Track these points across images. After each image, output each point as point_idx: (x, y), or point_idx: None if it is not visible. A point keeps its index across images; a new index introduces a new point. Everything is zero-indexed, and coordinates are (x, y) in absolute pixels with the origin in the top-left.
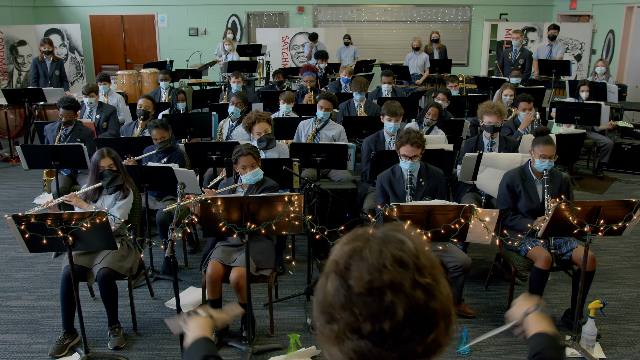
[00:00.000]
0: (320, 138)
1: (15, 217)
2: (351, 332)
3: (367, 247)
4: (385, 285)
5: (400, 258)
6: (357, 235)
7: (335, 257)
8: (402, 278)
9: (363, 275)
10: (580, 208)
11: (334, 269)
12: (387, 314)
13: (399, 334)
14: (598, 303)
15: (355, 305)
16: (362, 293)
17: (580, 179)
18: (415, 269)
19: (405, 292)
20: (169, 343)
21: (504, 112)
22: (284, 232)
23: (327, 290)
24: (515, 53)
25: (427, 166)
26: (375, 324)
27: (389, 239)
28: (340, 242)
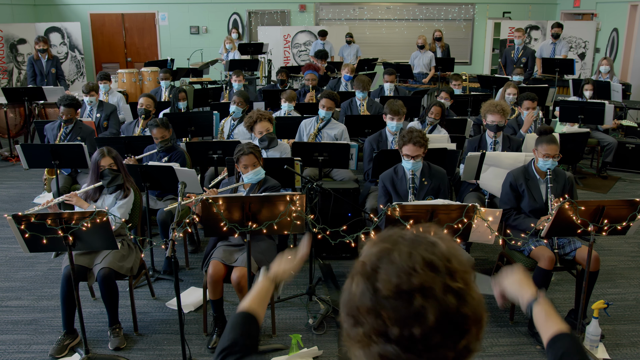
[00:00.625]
0: (322, 137)
1: (15, 216)
2: (378, 335)
3: (396, 249)
4: (414, 289)
5: (431, 261)
6: (387, 236)
7: (363, 258)
8: (432, 282)
9: (391, 279)
10: (584, 207)
11: (360, 271)
12: (417, 319)
13: (430, 340)
14: (602, 303)
15: (382, 308)
16: (389, 296)
17: (584, 178)
18: (447, 272)
19: (436, 297)
20: (170, 344)
21: (507, 110)
22: (286, 232)
23: (352, 292)
24: (518, 51)
25: (429, 165)
26: (404, 329)
27: (420, 241)
28: (369, 243)
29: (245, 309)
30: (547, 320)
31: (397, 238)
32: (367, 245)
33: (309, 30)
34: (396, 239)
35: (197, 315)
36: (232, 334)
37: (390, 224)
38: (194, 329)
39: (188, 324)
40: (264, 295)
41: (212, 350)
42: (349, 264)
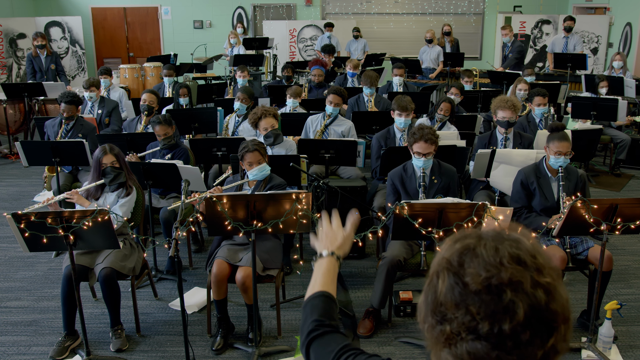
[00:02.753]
0: (329, 134)
1: (14, 215)
2: (467, 332)
3: (480, 244)
4: (504, 283)
5: (517, 256)
6: (467, 234)
7: (445, 255)
8: (521, 276)
9: (479, 272)
10: (597, 206)
11: (446, 267)
12: (506, 314)
13: (519, 336)
14: (615, 304)
15: (471, 303)
16: (479, 290)
17: (597, 176)
18: (535, 267)
19: (526, 291)
20: (173, 345)
21: (518, 106)
22: (292, 231)
23: (438, 289)
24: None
25: (439, 163)
26: (494, 324)
27: (503, 237)
28: (447, 241)
29: (320, 290)
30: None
31: (479, 235)
32: (446, 243)
33: (315, 25)
34: (478, 235)
35: (201, 316)
36: (314, 315)
37: (398, 222)
38: (197, 330)
39: (191, 325)
40: (332, 274)
41: (216, 352)
42: (357, 263)
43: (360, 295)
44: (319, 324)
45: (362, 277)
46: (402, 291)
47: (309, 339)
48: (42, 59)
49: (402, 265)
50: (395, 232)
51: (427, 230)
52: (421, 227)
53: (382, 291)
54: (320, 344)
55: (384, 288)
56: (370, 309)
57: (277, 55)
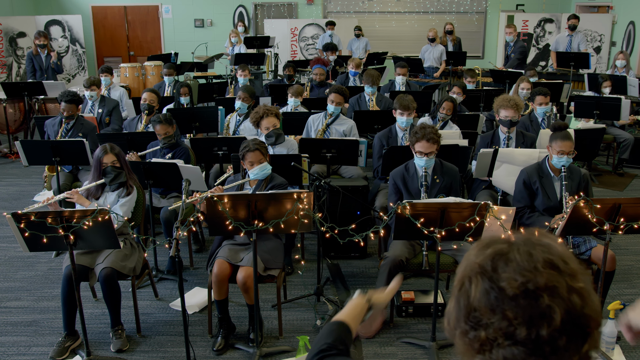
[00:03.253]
0: (330, 133)
1: (14, 215)
2: (504, 337)
3: (513, 249)
4: (540, 287)
5: (551, 261)
6: (496, 239)
7: (477, 260)
8: (557, 281)
9: (515, 277)
10: (600, 206)
11: (479, 272)
12: (544, 319)
13: (556, 342)
14: (618, 304)
15: (508, 308)
16: (516, 295)
17: (600, 175)
18: (568, 272)
19: (562, 296)
20: (174, 345)
21: (521, 105)
22: (293, 231)
23: (471, 294)
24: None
25: (441, 163)
26: (531, 329)
27: (534, 242)
28: (476, 246)
29: (341, 319)
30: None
31: (509, 240)
32: (474, 249)
33: (317, 23)
34: (509, 240)
35: (202, 316)
36: (328, 339)
37: (400, 222)
38: (198, 330)
39: (192, 325)
40: (359, 312)
41: (217, 353)
42: (358, 263)
43: None
44: (332, 346)
45: (363, 277)
46: (404, 291)
47: (319, 356)
48: (42, 58)
49: (404, 265)
50: (397, 231)
51: (429, 230)
52: (423, 226)
53: None
54: None
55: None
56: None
57: (278, 54)
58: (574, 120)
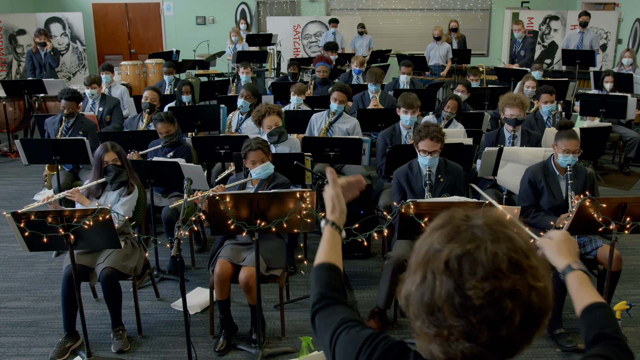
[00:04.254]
0: (333, 131)
1: (14, 214)
2: (465, 339)
3: (480, 248)
4: (505, 294)
5: (516, 262)
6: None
7: (442, 256)
8: (520, 285)
9: (483, 285)
10: (606, 205)
11: (444, 271)
12: (505, 322)
13: (513, 338)
14: (624, 304)
15: (472, 315)
16: (482, 305)
17: (606, 174)
18: (530, 272)
19: (523, 299)
20: (175, 346)
21: (526, 104)
22: (296, 230)
23: (435, 292)
24: (518, 45)
25: (445, 162)
26: (492, 332)
27: (498, 235)
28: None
29: (321, 261)
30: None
31: (475, 234)
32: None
33: (320, 21)
34: (474, 236)
35: (204, 317)
36: (316, 289)
37: (404, 222)
38: (200, 331)
39: (194, 326)
40: (336, 244)
41: (219, 354)
42: (362, 263)
43: (366, 295)
44: (322, 296)
45: (367, 277)
46: None
47: (313, 311)
48: (42, 55)
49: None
50: (401, 231)
51: None
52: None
53: (388, 291)
54: (323, 316)
55: (390, 288)
56: (376, 309)
57: (281, 51)
58: (580, 118)
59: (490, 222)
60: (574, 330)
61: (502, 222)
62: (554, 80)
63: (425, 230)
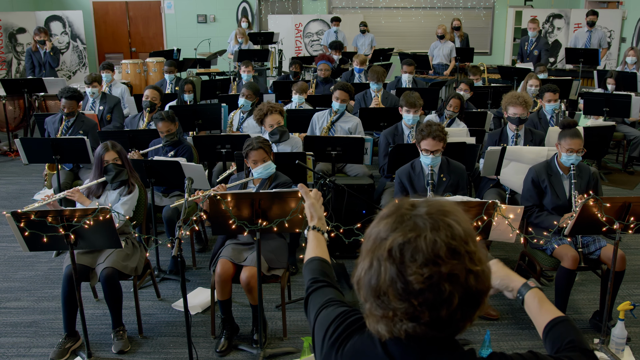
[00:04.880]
0: (335, 131)
1: (14, 214)
2: (408, 319)
3: (420, 236)
4: (443, 278)
5: (454, 248)
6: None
7: (387, 242)
8: (457, 269)
9: (422, 270)
10: (609, 204)
11: (388, 257)
12: (444, 304)
13: (453, 317)
14: (628, 304)
15: (414, 298)
16: (422, 289)
17: (610, 173)
18: (467, 256)
19: (460, 282)
20: (176, 347)
21: (529, 103)
22: (298, 230)
23: (380, 277)
24: (531, 43)
25: (448, 161)
26: (432, 312)
27: (438, 224)
28: (386, 221)
29: (312, 256)
30: (541, 307)
31: (416, 223)
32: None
33: (322, 19)
34: (415, 225)
35: (205, 317)
36: (308, 276)
37: None
38: (201, 331)
39: (195, 326)
40: (320, 244)
41: (220, 354)
42: None
43: None
44: (314, 281)
45: None
46: None
47: (307, 295)
48: (41, 54)
49: None
50: None
51: None
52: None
53: None
54: (314, 297)
55: None
56: None
57: (282, 50)
58: (583, 117)
59: (432, 212)
60: None
61: (444, 211)
62: (557, 79)
63: (375, 219)
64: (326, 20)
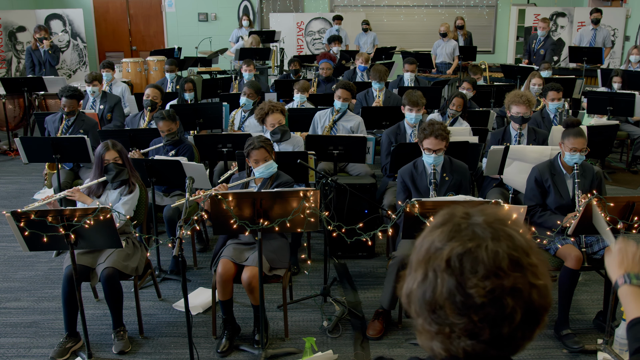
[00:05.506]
0: (337, 130)
1: (14, 213)
2: (467, 337)
3: (481, 247)
4: (505, 292)
5: (517, 260)
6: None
7: (444, 252)
8: (521, 283)
9: (484, 283)
10: (613, 204)
11: (446, 269)
12: (506, 320)
13: (514, 335)
14: None
15: (474, 313)
16: (483, 303)
17: (613, 173)
18: (530, 270)
19: (524, 297)
20: (177, 347)
21: (533, 101)
22: (299, 230)
23: (437, 289)
24: (539, 42)
25: (451, 160)
26: (494, 330)
27: (499, 234)
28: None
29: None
30: (628, 302)
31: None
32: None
33: (324, 17)
34: (474, 234)
35: (206, 317)
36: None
37: (409, 221)
38: (202, 331)
39: (196, 327)
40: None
41: (222, 355)
42: (366, 263)
43: (370, 295)
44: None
45: (371, 277)
46: None
47: None
48: (41, 52)
49: None
50: (406, 230)
51: None
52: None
53: (392, 291)
54: None
55: (394, 288)
56: (380, 310)
57: (284, 48)
58: (587, 116)
59: (491, 220)
60: (581, 331)
61: (502, 220)
62: (561, 78)
63: (426, 228)
64: (328, 18)
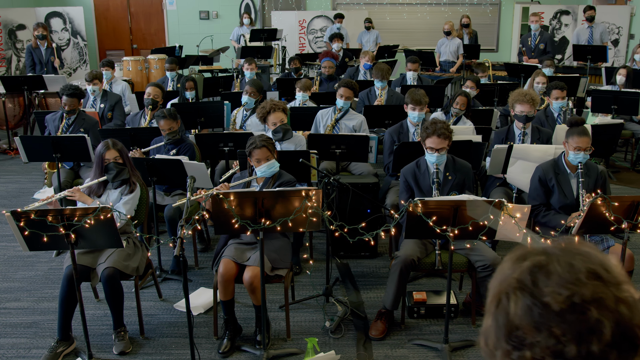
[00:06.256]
0: (339, 129)
1: (13, 213)
2: (552, 356)
3: (552, 261)
4: (587, 300)
5: (594, 271)
6: (531, 250)
7: (514, 274)
8: (602, 292)
9: (560, 290)
10: (618, 203)
11: (518, 287)
12: (594, 334)
13: (607, 357)
14: None
15: (554, 325)
16: (563, 310)
17: (618, 172)
18: (612, 282)
19: (610, 308)
20: (178, 348)
21: (537, 100)
22: (301, 229)
23: (510, 311)
24: (535, 37)
25: (454, 159)
26: (581, 346)
27: (572, 252)
28: (509, 260)
29: None
30: None
31: (546, 250)
32: (508, 262)
33: (326, 15)
34: (545, 251)
35: (207, 318)
36: None
37: (412, 220)
38: (203, 332)
39: (197, 327)
40: None
41: (223, 355)
42: (368, 263)
43: (372, 296)
44: None
45: (374, 277)
46: (415, 292)
47: None
48: (42, 51)
49: (416, 264)
50: (409, 230)
51: (442, 229)
52: (435, 225)
53: (395, 292)
54: None
55: (397, 288)
56: (383, 310)
57: (286, 47)
58: (591, 115)
59: (564, 243)
60: None
61: (575, 246)
62: (565, 76)
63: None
64: (330, 16)
